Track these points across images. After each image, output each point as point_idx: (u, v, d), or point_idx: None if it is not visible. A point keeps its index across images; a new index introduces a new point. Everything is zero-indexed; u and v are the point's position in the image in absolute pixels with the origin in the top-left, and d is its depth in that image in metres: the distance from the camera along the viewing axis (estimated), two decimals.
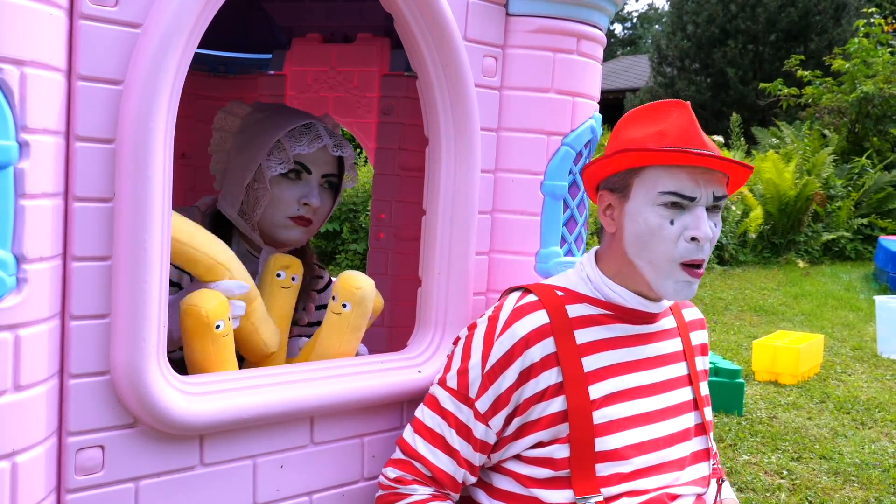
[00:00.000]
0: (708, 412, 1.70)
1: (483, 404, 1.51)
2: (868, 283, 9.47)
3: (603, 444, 1.49)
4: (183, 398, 1.34)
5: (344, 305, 1.67)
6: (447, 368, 1.56)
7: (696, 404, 1.66)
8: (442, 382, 1.55)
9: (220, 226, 1.92)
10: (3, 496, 1.13)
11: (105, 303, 1.25)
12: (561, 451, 1.50)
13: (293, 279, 1.81)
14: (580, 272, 1.61)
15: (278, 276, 1.77)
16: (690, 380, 1.66)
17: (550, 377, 1.49)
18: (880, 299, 6.42)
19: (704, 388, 1.71)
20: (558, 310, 1.53)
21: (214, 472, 1.42)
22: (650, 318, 1.60)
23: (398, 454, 1.56)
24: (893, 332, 6.22)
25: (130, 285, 1.25)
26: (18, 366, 1.13)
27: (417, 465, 1.53)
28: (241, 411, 1.40)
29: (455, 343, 1.60)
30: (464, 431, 1.52)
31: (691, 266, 1.50)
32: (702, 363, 1.73)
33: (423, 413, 1.56)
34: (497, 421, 1.51)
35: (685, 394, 1.64)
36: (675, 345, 1.66)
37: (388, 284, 2.46)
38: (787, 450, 4.28)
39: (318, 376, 1.54)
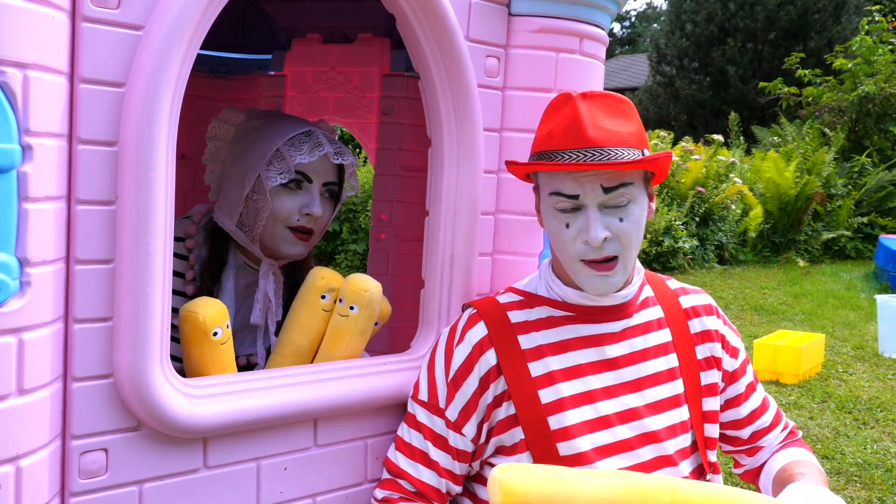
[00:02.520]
0: (711, 402, 1.63)
1: (452, 412, 1.53)
2: (869, 282, 9.47)
3: (567, 447, 1.49)
4: (186, 401, 1.33)
5: (351, 308, 1.66)
6: (417, 383, 1.59)
7: (686, 397, 1.60)
8: (414, 397, 1.58)
9: (216, 238, 1.88)
10: (8, 499, 1.13)
11: (108, 306, 1.25)
12: (524, 459, 1.51)
13: (339, 301, 1.70)
14: (542, 273, 1.62)
15: (323, 297, 1.71)
16: (681, 371, 1.61)
17: (502, 384, 1.52)
18: (881, 298, 6.42)
19: (708, 378, 1.64)
20: (497, 318, 1.55)
21: (218, 475, 1.41)
22: (615, 314, 1.57)
23: (385, 474, 1.59)
24: (894, 331, 6.22)
25: (133, 288, 1.25)
26: (22, 369, 1.13)
27: (402, 482, 1.55)
28: (244, 414, 1.40)
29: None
30: (440, 442, 1.54)
31: (594, 262, 1.49)
32: (708, 350, 1.65)
33: (402, 430, 1.59)
34: (470, 429, 1.53)
35: (674, 387, 1.59)
36: (658, 337, 1.61)
37: (389, 285, 2.45)
38: None
39: (321, 378, 1.53)
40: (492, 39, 1.69)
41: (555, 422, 1.50)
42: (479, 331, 1.54)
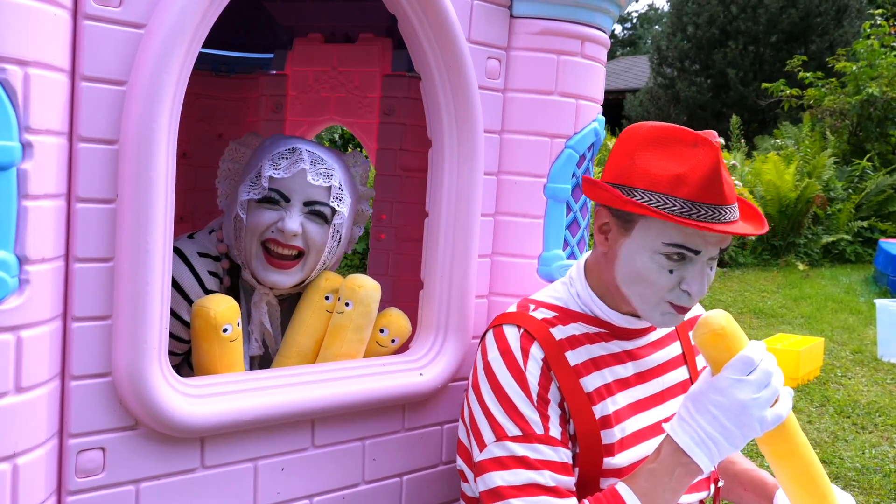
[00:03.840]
0: None
1: (554, 430, 1.44)
2: (868, 286, 9.45)
3: (609, 463, 1.48)
4: (184, 400, 1.33)
5: (347, 304, 1.67)
6: (493, 423, 1.45)
7: None
8: (502, 437, 1.44)
9: (233, 262, 1.83)
10: (4, 497, 1.13)
11: (107, 304, 1.25)
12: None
13: (347, 305, 1.69)
14: (570, 287, 1.58)
15: (326, 299, 1.69)
16: (692, 382, 1.66)
17: (564, 404, 1.48)
18: (881, 302, 6.41)
19: None
20: (546, 337, 1.49)
21: (215, 475, 1.41)
22: (642, 332, 1.59)
23: None
24: (894, 335, 6.21)
25: (132, 287, 1.25)
26: (20, 367, 1.13)
27: None
28: (242, 414, 1.40)
29: (469, 397, 1.52)
30: (554, 466, 1.43)
31: (680, 308, 1.47)
32: (702, 361, 1.71)
33: (498, 478, 1.42)
34: (565, 440, 1.46)
35: None
36: (674, 349, 1.66)
37: (389, 285, 2.45)
38: None
39: (319, 379, 1.53)
40: (493, 41, 1.69)
41: (605, 437, 1.49)
42: (538, 351, 1.47)
